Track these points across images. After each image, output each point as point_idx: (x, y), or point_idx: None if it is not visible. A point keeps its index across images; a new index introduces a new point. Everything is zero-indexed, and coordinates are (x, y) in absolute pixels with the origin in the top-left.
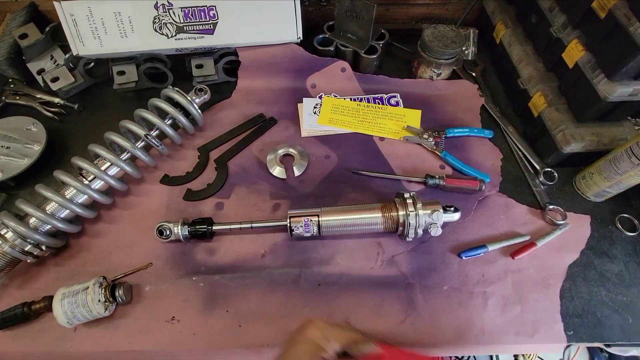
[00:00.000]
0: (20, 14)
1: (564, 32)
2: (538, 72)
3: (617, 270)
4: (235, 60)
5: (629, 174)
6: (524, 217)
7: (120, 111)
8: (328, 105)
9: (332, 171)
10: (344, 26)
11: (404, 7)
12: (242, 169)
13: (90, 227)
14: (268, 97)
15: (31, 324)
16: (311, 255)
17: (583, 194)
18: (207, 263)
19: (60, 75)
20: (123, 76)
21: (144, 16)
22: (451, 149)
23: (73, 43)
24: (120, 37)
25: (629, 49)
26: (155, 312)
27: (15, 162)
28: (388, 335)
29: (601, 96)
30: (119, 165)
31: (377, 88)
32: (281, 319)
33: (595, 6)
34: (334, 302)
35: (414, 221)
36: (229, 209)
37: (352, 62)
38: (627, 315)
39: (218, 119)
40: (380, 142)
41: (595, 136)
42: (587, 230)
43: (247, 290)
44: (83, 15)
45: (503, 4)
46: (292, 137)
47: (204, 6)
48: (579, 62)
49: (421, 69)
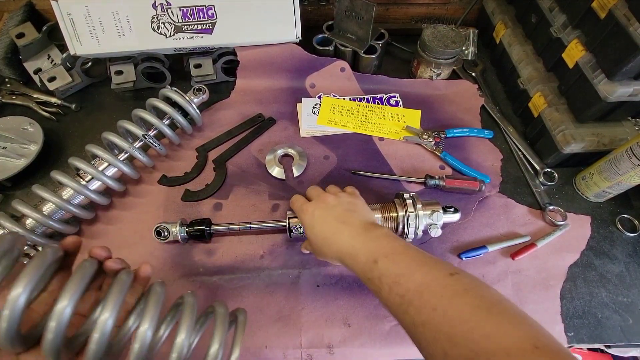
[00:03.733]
0: (17, 13)
1: (564, 32)
2: (538, 72)
3: (617, 271)
4: (234, 60)
5: (629, 174)
6: (524, 217)
7: (118, 111)
8: (327, 105)
9: (332, 172)
10: (343, 26)
11: (403, 7)
12: (241, 170)
13: (87, 228)
14: (267, 97)
15: None
16: (310, 256)
17: (583, 195)
18: (205, 264)
19: (57, 75)
20: (121, 76)
21: (142, 15)
22: (451, 150)
23: (70, 42)
24: (118, 37)
25: (629, 49)
26: None
27: (12, 162)
28: (387, 336)
29: (601, 96)
30: (117, 166)
31: (376, 88)
32: (280, 320)
33: (595, 6)
34: (333, 303)
35: (414, 222)
36: (227, 209)
37: (351, 62)
38: (628, 316)
39: (216, 119)
40: (379, 142)
41: (596, 136)
42: (588, 230)
43: (246, 292)
44: (80, 15)
45: (503, 4)
46: (291, 137)
47: (202, 6)
48: (579, 62)
49: (421, 68)
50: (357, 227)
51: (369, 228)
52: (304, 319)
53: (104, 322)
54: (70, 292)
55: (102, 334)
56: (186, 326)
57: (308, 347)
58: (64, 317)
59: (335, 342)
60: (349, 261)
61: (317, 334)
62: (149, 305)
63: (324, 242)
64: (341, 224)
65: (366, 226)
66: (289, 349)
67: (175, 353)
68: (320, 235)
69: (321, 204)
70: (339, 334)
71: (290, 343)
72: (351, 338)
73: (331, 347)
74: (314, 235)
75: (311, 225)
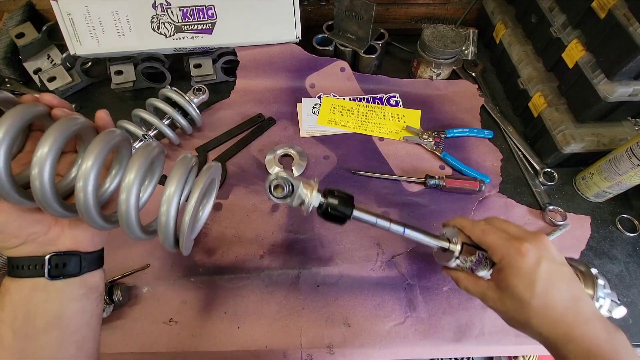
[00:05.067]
0: (17, 13)
1: (564, 32)
2: (538, 72)
3: (617, 271)
4: (233, 60)
5: (629, 174)
6: (524, 217)
7: (117, 111)
8: (327, 105)
9: (332, 172)
10: (343, 26)
11: (403, 7)
12: (241, 170)
13: None
14: (267, 97)
15: None
16: (310, 256)
17: (583, 195)
18: (205, 264)
19: (57, 75)
20: (121, 76)
21: (142, 15)
22: (451, 150)
23: (70, 42)
24: (118, 37)
25: (629, 49)
26: (153, 314)
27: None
28: (387, 336)
29: (601, 96)
30: None
31: (376, 88)
32: (280, 320)
33: (595, 6)
34: (333, 303)
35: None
36: (227, 209)
37: (351, 61)
38: (628, 316)
39: (216, 119)
40: (379, 142)
41: (595, 136)
42: (587, 231)
43: (246, 292)
44: (80, 14)
45: (503, 4)
46: (291, 137)
47: (202, 5)
48: (579, 62)
49: (421, 68)
50: (596, 314)
51: (608, 325)
52: (304, 318)
53: (87, 169)
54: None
55: (86, 181)
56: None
57: (308, 347)
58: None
59: (335, 342)
60: (579, 357)
61: (317, 334)
62: (135, 158)
63: (545, 312)
64: (577, 300)
65: (604, 319)
66: (289, 349)
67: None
68: (542, 301)
69: (545, 252)
70: (339, 334)
71: (290, 343)
72: (351, 338)
73: (331, 347)
74: (530, 294)
75: (530, 280)
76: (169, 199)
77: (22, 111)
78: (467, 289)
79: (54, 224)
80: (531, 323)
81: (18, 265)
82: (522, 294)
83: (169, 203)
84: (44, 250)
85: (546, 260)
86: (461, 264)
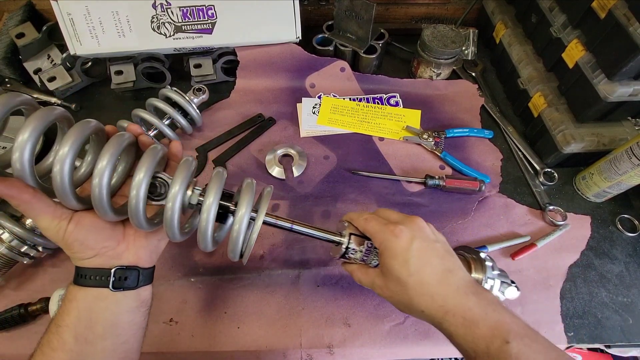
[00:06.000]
0: (17, 13)
1: (564, 32)
2: (538, 72)
3: (617, 271)
4: (233, 60)
5: (629, 174)
6: (524, 217)
7: (117, 111)
8: (327, 105)
9: (332, 171)
10: (343, 26)
11: (403, 7)
12: (241, 170)
13: None
14: (267, 97)
15: (28, 325)
16: (310, 256)
17: (583, 195)
18: (205, 264)
19: (57, 75)
20: (121, 76)
21: (142, 15)
22: (451, 149)
23: (70, 42)
24: (118, 37)
25: (629, 49)
26: (153, 314)
27: None
28: (387, 336)
29: (601, 96)
30: None
31: (376, 88)
32: (280, 320)
33: (595, 6)
34: (333, 304)
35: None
36: None
37: (351, 61)
38: (628, 316)
39: (216, 119)
40: (379, 142)
41: (595, 136)
42: (588, 230)
43: (246, 292)
44: (80, 14)
45: (503, 4)
46: (291, 137)
47: (202, 5)
48: (579, 62)
49: (421, 68)
50: (467, 282)
51: (479, 290)
52: (304, 319)
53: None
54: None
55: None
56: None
57: (308, 347)
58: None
59: (335, 342)
60: (458, 327)
61: (317, 334)
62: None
63: (421, 288)
64: (448, 272)
65: (475, 285)
66: (289, 349)
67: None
68: (417, 278)
69: (418, 232)
70: (339, 334)
71: (290, 343)
72: (351, 338)
73: (331, 347)
74: (406, 273)
75: (405, 259)
76: (240, 219)
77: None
78: (360, 281)
79: (122, 240)
80: (413, 302)
81: (85, 275)
82: (399, 274)
83: (240, 222)
84: (110, 263)
85: (418, 239)
86: (352, 256)
